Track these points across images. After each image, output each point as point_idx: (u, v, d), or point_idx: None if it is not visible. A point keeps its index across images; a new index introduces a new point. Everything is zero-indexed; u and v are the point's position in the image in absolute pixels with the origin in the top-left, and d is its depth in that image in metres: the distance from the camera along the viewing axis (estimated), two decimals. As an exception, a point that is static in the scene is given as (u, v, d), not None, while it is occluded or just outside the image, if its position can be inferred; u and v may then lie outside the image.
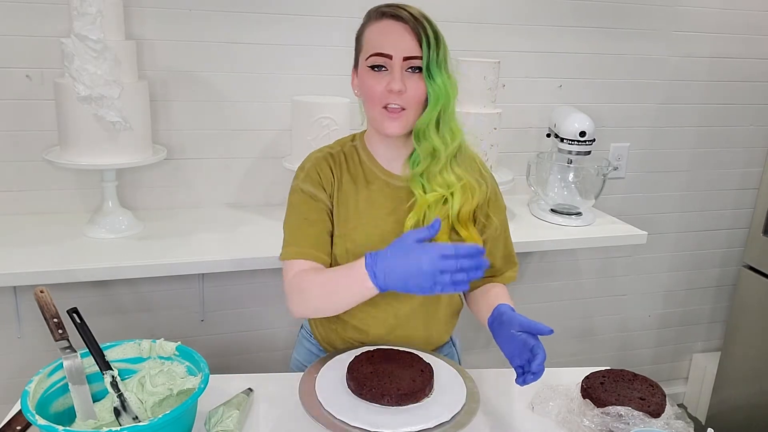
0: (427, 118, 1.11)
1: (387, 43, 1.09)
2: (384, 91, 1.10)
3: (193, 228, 1.72)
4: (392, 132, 1.12)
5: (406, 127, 1.13)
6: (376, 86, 1.11)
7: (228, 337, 1.99)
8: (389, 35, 1.10)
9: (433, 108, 1.10)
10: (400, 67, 1.09)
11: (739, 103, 2.31)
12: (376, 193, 1.20)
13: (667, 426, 1.04)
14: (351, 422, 0.98)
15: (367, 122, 1.20)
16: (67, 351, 1.03)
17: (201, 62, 1.76)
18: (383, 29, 1.11)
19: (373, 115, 1.14)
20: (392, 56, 1.09)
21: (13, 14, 1.60)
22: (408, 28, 1.08)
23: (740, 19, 2.20)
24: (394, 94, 1.09)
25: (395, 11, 1.10)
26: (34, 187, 1.74)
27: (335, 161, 1.22)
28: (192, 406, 0.99)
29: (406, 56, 1.08)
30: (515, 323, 1.05)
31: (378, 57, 1.10)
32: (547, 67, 2.06)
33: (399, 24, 1.09)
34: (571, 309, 2.39)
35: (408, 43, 1.08)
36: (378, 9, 1.13)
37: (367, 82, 1.12)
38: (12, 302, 1.72)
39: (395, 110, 1.11)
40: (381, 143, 1.20)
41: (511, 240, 1.32)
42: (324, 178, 1.20)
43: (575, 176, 1.95)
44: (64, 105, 1.51)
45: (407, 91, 1.09)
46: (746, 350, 2.19)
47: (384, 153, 1.21)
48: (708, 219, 2.45)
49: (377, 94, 1.11)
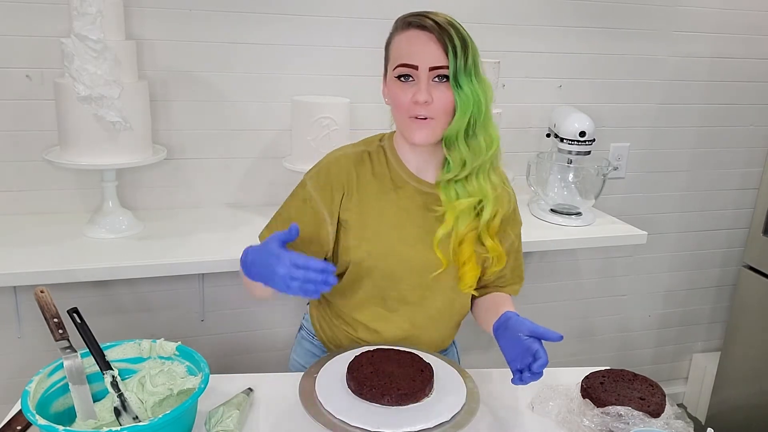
0: (456, 128, 1.10)
1: (413, 53, 1.08)
2: (410, 102, 1.09)
3: (193, 228, 1.72)
4: (419, 141, 1.11)
5: (434, 136, 1.12)
6: (402, 97, 1.10)
7: (228, 337, 1.99)
8: (415, 45, 1.09)
9: (461, 117, 1.09)
10: (426, 77, 1.08)
11: (739, 103, 2.31)
12: (405, 200, 1.19)
13: (667, 426, 1.04)
14: (351, 422, 0.98)
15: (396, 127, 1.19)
16: (67, 351, 1.03)
17: (201, 62, 1.76)
18: (409, 39, 1.10)
19: (401, 124, 1.14)
20: (418, 67, 1.08)
21: (13, 14, 1.60)
22: (434, 38, 1.07)
23: (740, 19, 2.20)
24: (420, 105, 1.08)
25: (420, 20, 1.09)
26: (34, 187, 1.74)
27: (357, 161, 1.20)
28: (192, 406, 0.99)
29: (432, 66, 1.07)
30: (524, 328, 1.04)
31: (404, 68, 1.09)
32: (547, 67, 2.06)
33: (424, 33, 1.08)
34: (571, 309, 2.39)
35: (434, 52, 1.07)
36: (404, 19, 1.12)
37: (395, 92, 1.11)
38: (12, 302, 1.72)
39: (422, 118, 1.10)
40: (410, 150, 1.19)
41: (522, 256, 1.32)
42: (335, 182, 1.18)
43: (575, 176, 1.95)
44: (64, 105, 1.51)
45: (434, 102, 1.08)
46: (746, 350, 2.19)
47: (413, 159, 1.19)
48: (708, 219, 2.45)
49: (404, 105, 1.10)
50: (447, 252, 1.17)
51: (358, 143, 1.25)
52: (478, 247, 1.19)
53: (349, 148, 1.23)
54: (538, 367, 0.98)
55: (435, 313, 1.24)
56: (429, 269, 1.19)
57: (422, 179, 1.20)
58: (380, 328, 1.24)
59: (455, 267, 1.20)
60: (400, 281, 1.20)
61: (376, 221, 1.18)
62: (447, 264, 1.17)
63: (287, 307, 2.02)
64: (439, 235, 1.15)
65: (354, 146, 1.24)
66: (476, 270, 1.19)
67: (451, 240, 1.17)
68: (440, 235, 1.15)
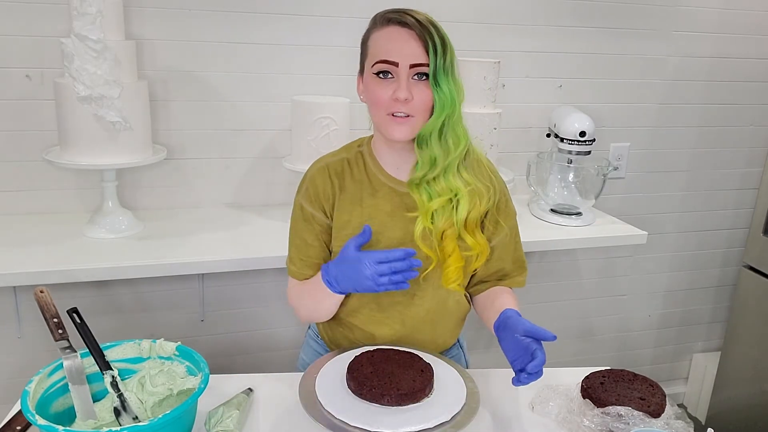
0: (431, 127, 1.10)
1: (393, 50, 1.08)
2: (390, 99, 1.08)
3: (193, 228, 1.72)
4: (399, 137, 1.11)
5: (413, 132, 1.11)
6: (382, 93, 1.09)
7: (228, 337, 1.99)
8: (395, 42, 1.08)
9: (438, 116, 1.09)
10: (406, 74, 1.07)
11: (739, 103, 2.31)
12: (382, 200, 1.19)
13: (667, 426, 1.04)
14: (351, 422, 0.98)
15: (373, 127, 1.19)
16: (67, 351, 1.03)
17: (201, 62, 1.76)
18: (389, 36, 1.09)
19: (379, 121, 1.13)
20: (398, 64, 1.07)
21: (13, 14, 1.60)
22: (414, 35, 1.07)
23: (740, 19, 2.20)
24: (400, 102, 1.08)
25: (401, 17, 1.08)
26: (34, 187, 1.74)
27: (337, 170, 1.20)
28: (192, 406, 0.99)
29: (413, 63, 1.07)
30: (519, 328, 1.04)
31: (384, 64, 1.08)
32: (547, 67, 2.06)
33: (405, 30, 1.07)
34: (571, 309, 2.39)
35: (414, 50, 1.07)
36: (384, 15, 1.11)
37: (373, 88, 1.10)
38: (12, 302, 1.72)
39: (401, 116, 1.10)
40: (387, 149, 1.18)
41: (521, 245, 1.31)
42: (322, 193, 1.20)
43: (575, 176, 1.95)
44: (64, 105, 1.51)
45: (414, 99, 1.08)
46: (746, 350, 2.19)
47: (390, 159, 1.19)
48: (708, 219, 2.45)
49: (383, 102, 1.09)
50: (433, 248, 1.16)
51: (338, 151, 1.25)
52: (460, 242, 1.17)
53: (328, 157, 1.24)
54: (533, 367, 0.98)
55: (425, 313, 1.23)
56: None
57: (399, 179, 1.19)
58: (374, 330, 1.24)
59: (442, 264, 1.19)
60: None
61: (357, 223, 1.18)
62: (436, 259, 1.17)
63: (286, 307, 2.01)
64: (417, 232, 1.14)
65: (333, 155, 1.24)
66: (459, 262, 1.17)
67: (433, 236, 1.16)
68: (418, 231, 1.14)
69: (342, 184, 1.20)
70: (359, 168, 1.21)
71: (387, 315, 1.23)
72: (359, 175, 1.20)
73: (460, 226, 1.16)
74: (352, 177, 1.20)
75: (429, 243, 1.16)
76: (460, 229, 1.16)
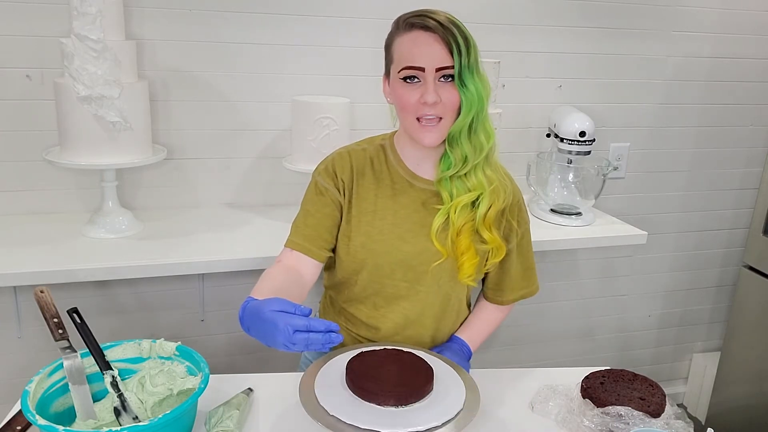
0: (460, 125, 1.12)
1: (418, 55, 1.09)
2: (418, 103, 1.10)
3: (193, 228, 1.72)
4: (429, 143, 1.13)
5: (442, 136, 1.13)
6: (409, 98, 1.11)
7: (228, 337, 1.99)
8: (420, 47, 1.09)
9: (466, 115, 1.11)
10: (433, 78, 1.09)
11: (738, 103, 2.31)
12: (403, 197, 1.21)
13: (667, 426, 1.04)
14: (351, 422, 0.98)
15: (399, 124, 1.21)
16: (67, 351, 1.03)
17: (201, 62, 1.76)
18: (414, 41, 1.10)
19: (408, 126, 1.15)
20: (425, 69, 1.08)
21: (13, 14, 1.60)
22: (438, 38, 1.08)
23: (740, 19, 2.20)
24: (429, 105, 1.09)
25: (423, 21, 1.09)
26: (34, 187, 1.73)
27: (359, 158, 1.23)
28: (192, 406, 0.99)
29: (438, 67, 1.08)
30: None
31: (410, 70, 1.10)
32: (547, 67, 2.06)
33: (429, 34, 1.08)
34: (571, 309, 2.39)
35: (439, 53, 1.08)
36: (406, 20, 1.12)
37: (401, 93, 1.12)
38: (12, 302, 1.72)
39: (431, 120, 1.11)
40: (410, 145, 1.21)
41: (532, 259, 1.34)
42: (340, 172, 1.22)
43: (575, 176, 1.95)
44: (64, 105, 1.51)
45: (441, 101, 1.10)
46: (746, 350, 2.19)
47: (412, 155, 1.22)
48: (708, 219, 2.45)
49: (411, 106, 1.11)
50: (446, 243, 1.19)
51: (361, 142, 1.28)
52: (476, 238, 1.20)
53: (352, 145, 1.27)
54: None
55: (428, 308, 1.25)
56: (427, 261, 1.20)
57: (420, 176, 1.22)
58: (377, 323, 1.26)
59: (451, 261, 1.21)
60: (392, 275, 1.22)
61: (371, 216, 1.21)
62: (446, 255, 1.19)
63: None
64: (435, 225, 1.17)
65: (357, 144, 1.27)
66: (475, 259, 1.20)
67: (449, 232, 1.18)
68: (437, 225, 1.17)
69: (362, 171, 1.22)
70: (380, 161, 1.23)
71: (390, 309, 1.24)
72: (380, 168, 1.23)
73: (480, 221, 1.18)
74: (372, 167, 1.23)
75: (443, 238, 1.18)
76: (479, 224, 1.18)
